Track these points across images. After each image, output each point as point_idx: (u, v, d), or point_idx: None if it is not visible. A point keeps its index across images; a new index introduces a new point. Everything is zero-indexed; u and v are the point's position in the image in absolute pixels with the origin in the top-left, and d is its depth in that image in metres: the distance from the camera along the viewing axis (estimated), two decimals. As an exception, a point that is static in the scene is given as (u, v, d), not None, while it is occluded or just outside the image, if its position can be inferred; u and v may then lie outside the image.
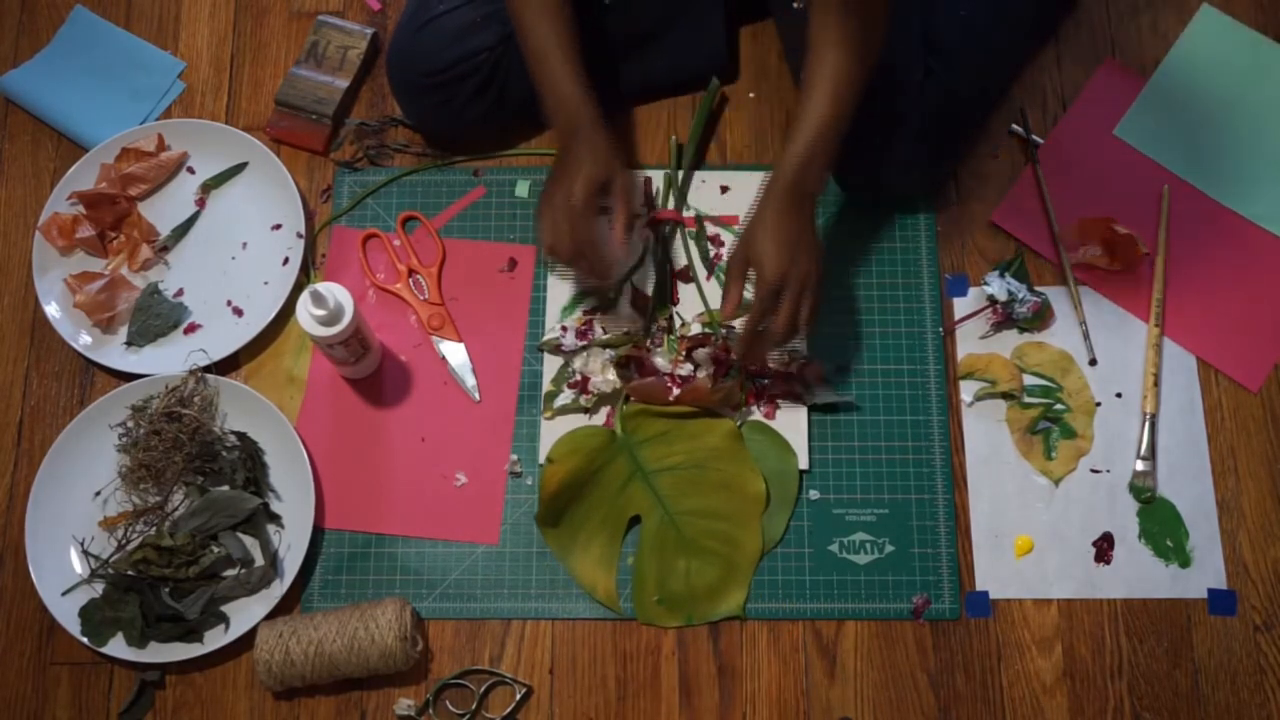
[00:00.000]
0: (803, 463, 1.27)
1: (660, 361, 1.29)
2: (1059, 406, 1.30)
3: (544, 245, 1.21)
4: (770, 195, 1.15)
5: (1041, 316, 1.32)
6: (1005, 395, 1.30)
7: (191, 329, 1.34)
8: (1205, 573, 1.24)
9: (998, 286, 1.29)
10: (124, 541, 1.24)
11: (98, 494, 1.27)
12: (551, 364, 1.31)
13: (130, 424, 1.27)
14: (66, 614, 1.21)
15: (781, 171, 1.14)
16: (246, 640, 1.21)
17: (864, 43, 1.12)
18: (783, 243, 1.13)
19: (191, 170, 1.40)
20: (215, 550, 1.22)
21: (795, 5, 1.30)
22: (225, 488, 1.25)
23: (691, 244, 1.36)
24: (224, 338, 1.32)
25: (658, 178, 1.39)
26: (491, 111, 1.34)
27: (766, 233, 1.14)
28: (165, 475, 1.25)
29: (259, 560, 1.23)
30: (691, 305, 1.33)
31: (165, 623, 1.20)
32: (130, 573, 1.21)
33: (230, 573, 1.23)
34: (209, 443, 1.26)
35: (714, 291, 1.34)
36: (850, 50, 1.12)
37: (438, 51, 1.29)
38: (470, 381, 1.31)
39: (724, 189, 1.38)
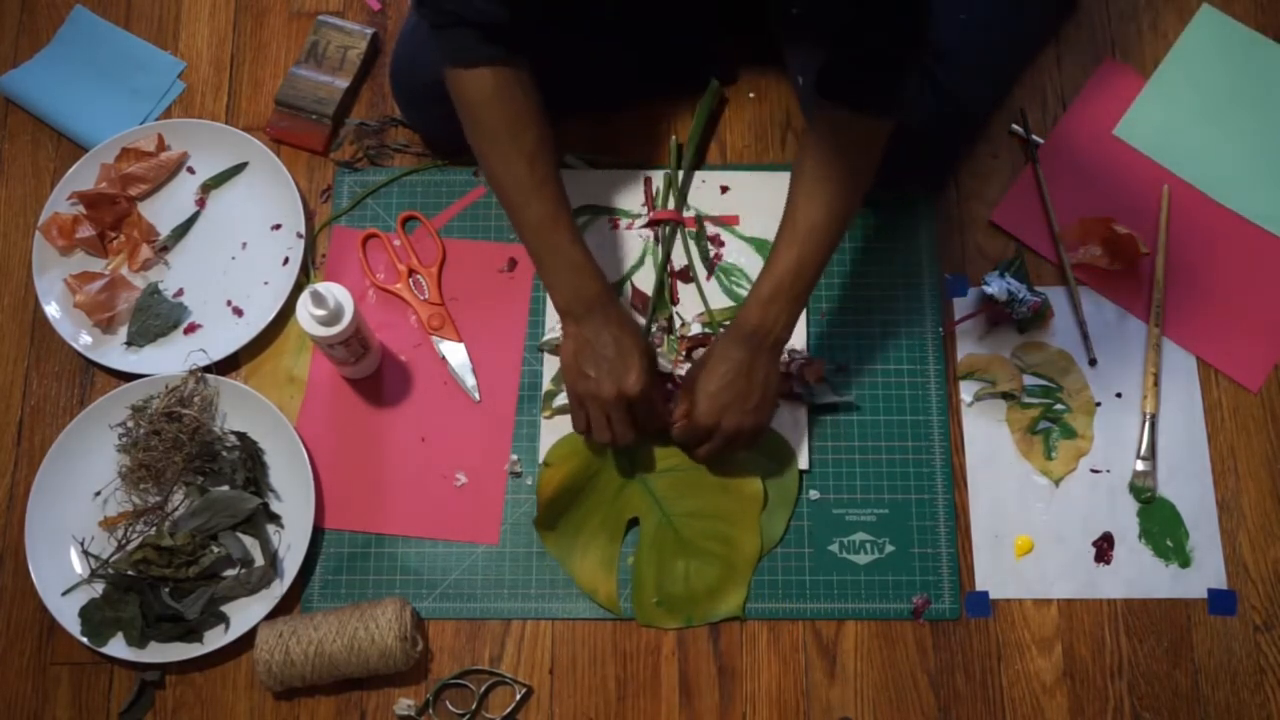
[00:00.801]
0: (803, 463, 1.27)
1: (660, 361, 1.28)
2: (1059, 406, 1.30)
3: (601, 439, 1.17)
4: (726, 337, 1.16)
5: (1041, 316, 1.32)
6: (1005, 395, 1.30)
7: (191, 329, 1.34)
8: (1205, 573, 1.24)
9: (998, 286, 1.29)
10: (124, 541, 1.24)
11: (98, 494, 1.27)
12: (551, 364, 1.31)
13: (130, 424, 1.27)
14: (66, 614, 1.21)
15: (741, 315, 1.15)
16: (246, 640, 1.21)
17: (841, 196, 1.11)
18: (719, 391, 1.15)
19: (191, 170, 1.40)
20: (215, 550, 1.22)
21: (793, 10, 1.30)
22: (225, 488, 1.25)
23: (691, 244, 1.36)
24: (224, 338, 1.32)
25: (658, 178, 1.39)
26: None
27: (710, 376, 1.15)
28: (165, 475, 1.25)
29: (259, 560, 1.23)
30: (691, 305, 1.33)
31: (165, 623, 1.20)
32: (130, 573, 1.21)
33: (230, 573, 1.23)
34: (209, 443, 1.26)
35: (714, 292, 1.34)
36: (825, 202, 1.11)
37: (441, 61, 1.29)
38: (470, 381, 1.31)
39: (724, 189, 1.38)
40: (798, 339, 1.30)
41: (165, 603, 1.20)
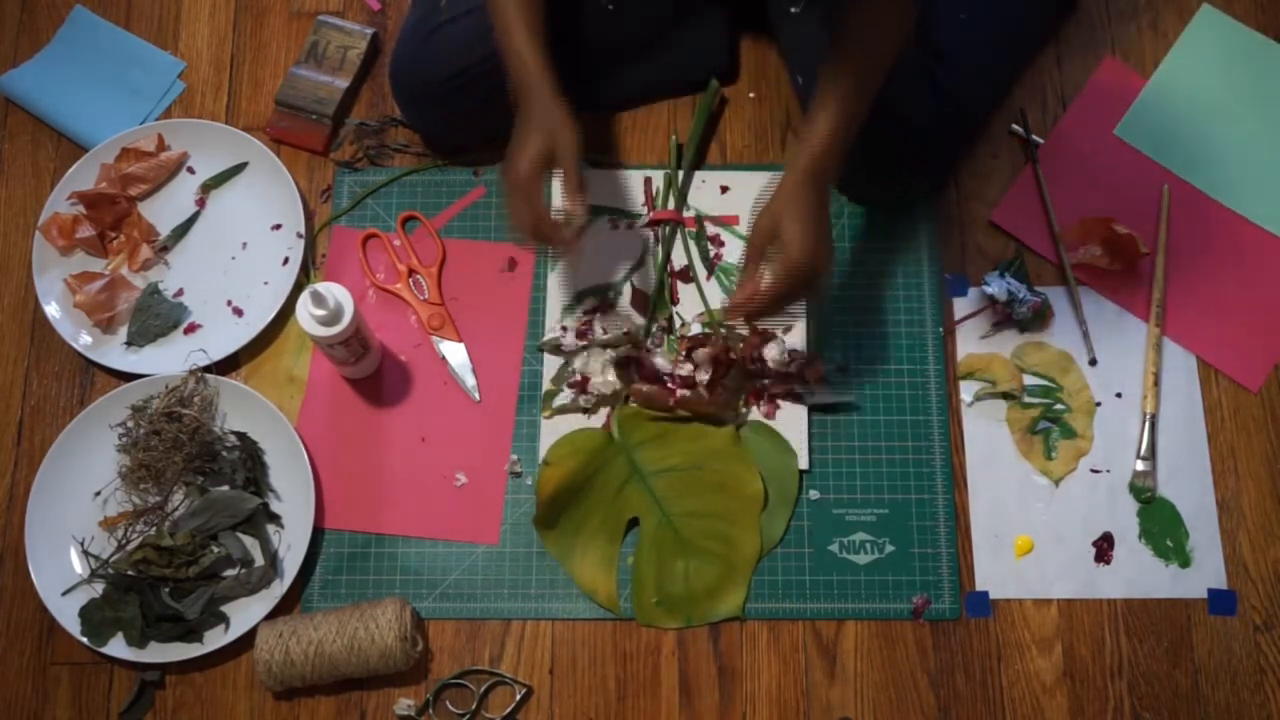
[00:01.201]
0: (803, 463, 1.27)
1: (660, 361, 1.29)
2: (1059, 406, 1.30)
3: (508, 223, 1.19)
4: (795, 177, 1.13)
5: (1041, 316, 1.32)
6: (1005, 395, 1.30)
7: (191, 329, 1.34)
8: (1205, 573, 1.24)
9: (998, 286, 1.29)
10: (124, 541, 1.24)
11: (98, 494, 1.27)
12: (551, 364, 1.31)
13: (130, 424, 1.27)
14: (66, 614, 1.21)
15: (809, 154, 1.13)
16: (246, 640, 1.21)
17: (895, 29, 1.13)
18: (810, 223, 1.12)
19: (191, 170, 1.40)
20: (215, 550, 1.22)
21: (793, 9, 1.30)
22: (225, 488, 1.25)
23: (691, 244, 1.36)
24: (224, 338, 1.32)
25: (658, 178, 1.39)
26: (494, 120, 1.34)
27: (794, 213, 1.12)
28: (165, 475, 1.25)
29: (259, 560, 1.23)
30: (691, 305, 1.33)
31: (165, 623, 1.20)
32: (130, 572, 1.21)
33: (230, 573, 1.23)
34: (209, 443, 1.26)
35: (714, 291, 1.34)
36: (880, 36, 1.12)
37: (441, 61, 1.29)
38: (470, 381, 1.31)
39: (724, 189, 1.38)
40: (797, 339, 1.30)
41: (165, 603, 1.20)
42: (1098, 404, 1.30)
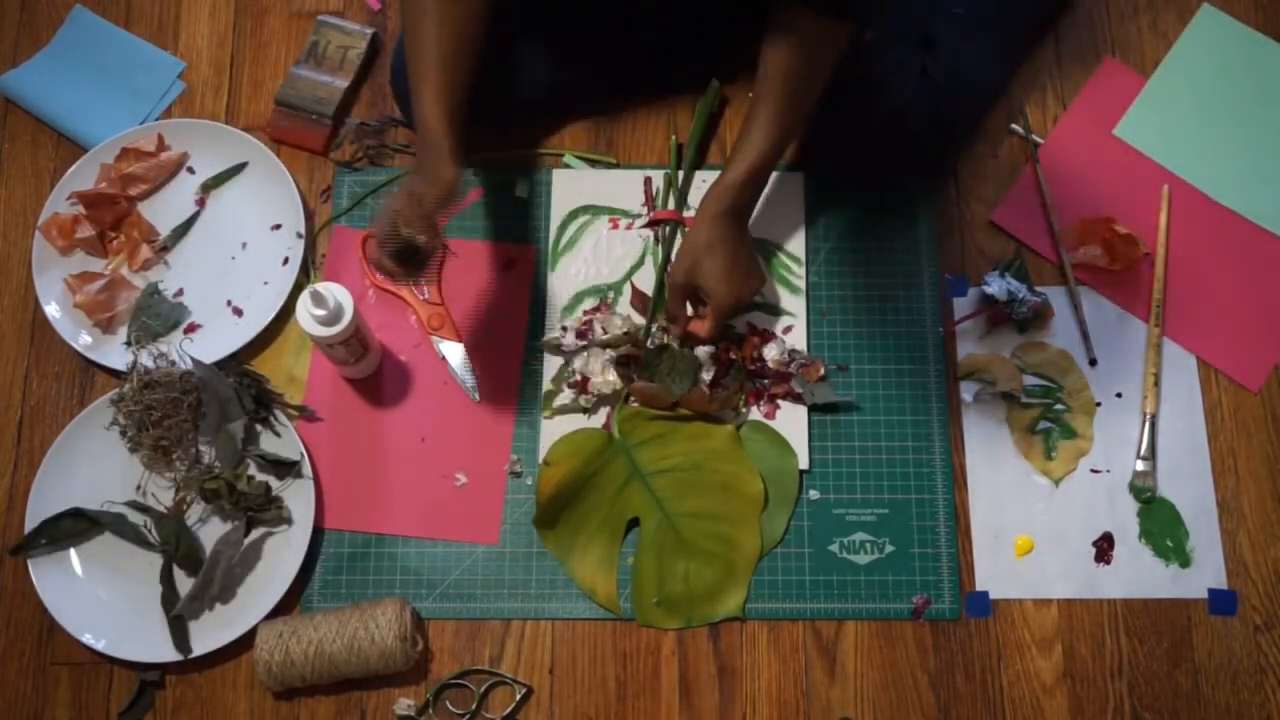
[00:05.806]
0: (803, 463, 1.27)
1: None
2: (1059, 406, 1.30)
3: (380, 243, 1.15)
4: (709, 220, 1.20)
5: (1041, 316, 1.32)
6: (1005, 395, 1.30)
7: (191, 329, 1.34)
8: (1205, 573, 1.24)
9: (998, 286, 1.29)
10: (182, 500, 1.26)
11: (138, 488, 1.26)
12: (551, 364, 1.31)
13: (121, 419, 1.27)
14: (66, 614, 1.21)
15: (718, 196, 1.20)
16: (246, 640, 1.21)
17: (805, 93, 1.17)
18: (729, 264, 1.21)
19: (191, 170, 1.40)
20: (274, 510, 1.24)
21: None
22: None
23: (691, 244, 1.36)
24: (224, 338, 1.32)
25: (657, 178, 1.39)
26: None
27: (715, 261, 1.20)
28: (185, 438, 1.25)
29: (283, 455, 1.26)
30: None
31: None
32: (201, 490, 1.24)
33: (277, 485, 1.24)
34: (200, 381, 1.26)
35: (714, 291, 1.34)
36: (790, 99, 1.16)
37: None
38: (470, 381, 1.31)
39: (724, 189, 1.38)
40: (798, 339, 1.30)
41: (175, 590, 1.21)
42: (1098, 404, 1.30)
